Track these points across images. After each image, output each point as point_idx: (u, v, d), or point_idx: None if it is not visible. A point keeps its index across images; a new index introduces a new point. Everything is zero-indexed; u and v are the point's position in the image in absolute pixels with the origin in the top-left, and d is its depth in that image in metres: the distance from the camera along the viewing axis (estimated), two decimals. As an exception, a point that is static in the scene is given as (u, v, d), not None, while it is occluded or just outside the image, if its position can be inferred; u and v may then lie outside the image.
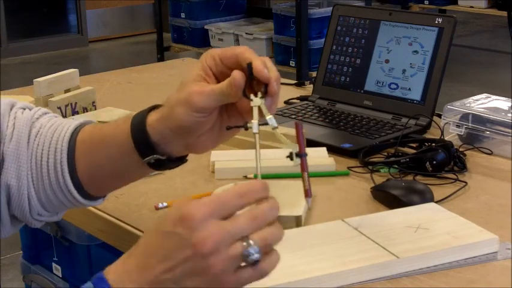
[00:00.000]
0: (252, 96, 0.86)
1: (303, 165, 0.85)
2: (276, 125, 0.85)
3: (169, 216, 0.73)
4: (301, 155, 0.84)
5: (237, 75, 0.85)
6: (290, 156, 0.84)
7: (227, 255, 0.71)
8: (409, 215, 1.08)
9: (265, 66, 0.86)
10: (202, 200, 0.72)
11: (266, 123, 0.85)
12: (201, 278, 0.72)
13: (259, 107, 0.85)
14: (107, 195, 1.01)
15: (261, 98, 0.86)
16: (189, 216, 0.71)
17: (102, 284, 0.74)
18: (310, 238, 1.02)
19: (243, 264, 0.72)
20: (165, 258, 0.72)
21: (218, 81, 0.90)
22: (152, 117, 0.92)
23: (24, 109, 0.98)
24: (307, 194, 0.84)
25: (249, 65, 0.86)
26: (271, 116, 0.85)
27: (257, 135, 0.83)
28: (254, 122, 0.84)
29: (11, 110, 0.96)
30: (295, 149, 0.85)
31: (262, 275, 0.73)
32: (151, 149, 0.91)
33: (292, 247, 0.98)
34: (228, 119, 0.92)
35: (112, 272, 0.76)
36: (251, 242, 0.71)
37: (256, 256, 0.71)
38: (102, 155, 0.94)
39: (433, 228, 1.03)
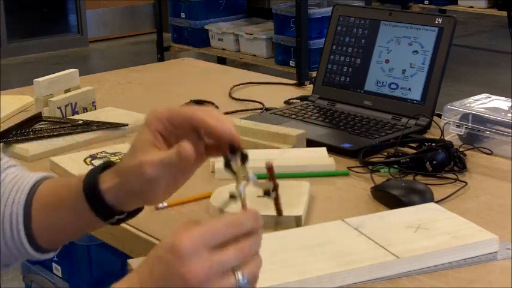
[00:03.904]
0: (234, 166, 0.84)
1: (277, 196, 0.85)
2: (243, 193, 0.82)
3: (163, 243, 0.74)
4: (274, 187, 0.85)
5: (187, 147, 0.81)
6: (267, 193, 0.83)
7: (219, 285, 0.72)
8: (409, 215, 1.08)
9: (229, 126, 0.84)
10: (194, 229, 0.73)
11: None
12: None
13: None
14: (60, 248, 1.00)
15: (242, 164, 0.84)
16: (181, 247, 0.72)
17: None
18: (310, 238, 1.02)
19: None
20: (156, 286, 0.73)
21: (168, 142, 0.87)
22: (106, 184, 0.89)
23: None
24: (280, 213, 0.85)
25: (231, 146, 0.84)
26: (244, 182, 0.83)
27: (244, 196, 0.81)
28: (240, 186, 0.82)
29: None
30: (271, 186, 0.85)
31: None
32: (110, 213, 0.90)
33: (292, 247, 0.98)
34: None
35: None
36: (242, 274, 0.73)
37: None
38: (59, 218, 0.92)
39: (433, 228, 1.03)
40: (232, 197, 0.80)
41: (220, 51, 5.04)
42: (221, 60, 5.01)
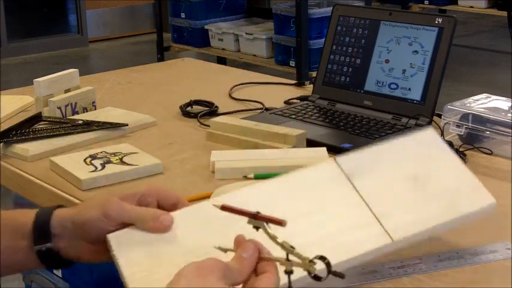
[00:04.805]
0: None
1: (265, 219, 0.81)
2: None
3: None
4: (254, 214, 0.81)
5: (168, 219, 0.88)
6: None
7: None
8: (408, 154, 1.00)
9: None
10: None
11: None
12: None
13: None
14: None
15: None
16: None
17: None
18: (295, 193, 0.94)
19: None
20: None
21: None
22: (62, 211, 0.92)
23: None
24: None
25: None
26: None
27: None
28: None
29: None
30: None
31: None
32: (47, 237, 0.90)
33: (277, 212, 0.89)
34: None
35: None
36: None
37: None
38: None
39: (430, 182, 0.96)
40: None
41: (220, 51, 5.04)
42: (221, 60, 5.01)
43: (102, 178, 1.27)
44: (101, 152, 1.37)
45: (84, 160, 1.33)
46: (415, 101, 1.52)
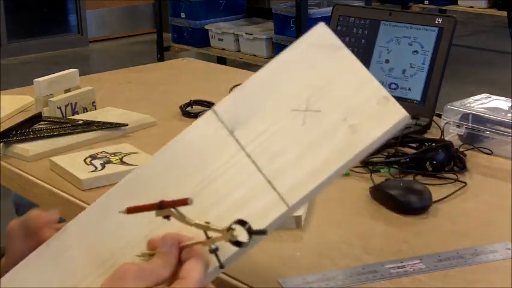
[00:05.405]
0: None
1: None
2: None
3: None
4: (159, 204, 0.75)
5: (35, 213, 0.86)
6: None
7: None
8: (294, 73, 0.82)
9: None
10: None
11: None
12: None
13: None
14: None
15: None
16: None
17: None
18: (182, 166, 0.80)
19: None
20: None
21: None
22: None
23: None
24: None
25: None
26: None
27: None
28: None
29: None
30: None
31: None
32: None
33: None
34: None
35: None
36: None
37: None
38: None
39: (324, 106, 0.79)
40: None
41: (220, 51, 5.04)
42: (221, 60, 5.01)
43: (102, 178, 1.27)
44: (101, 152, 1.37)
45: (84, 160, 1.33)
46: (415, 101, 1.52)
